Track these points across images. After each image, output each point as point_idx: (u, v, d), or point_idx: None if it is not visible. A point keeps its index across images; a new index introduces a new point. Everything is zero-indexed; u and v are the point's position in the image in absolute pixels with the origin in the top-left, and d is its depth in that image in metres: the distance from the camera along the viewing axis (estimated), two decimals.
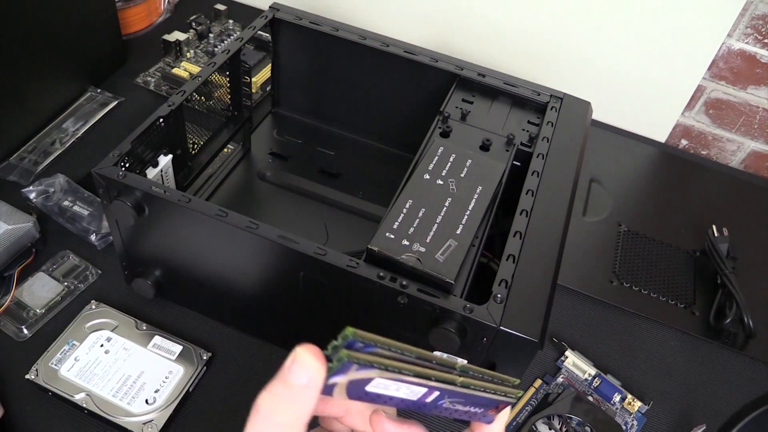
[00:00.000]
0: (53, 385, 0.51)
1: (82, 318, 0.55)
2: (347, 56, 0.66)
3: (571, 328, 0.63)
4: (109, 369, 0.52)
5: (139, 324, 0.55)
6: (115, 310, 0.56)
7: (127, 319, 0.55)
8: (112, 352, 0.53)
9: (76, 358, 0.52)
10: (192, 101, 0.57)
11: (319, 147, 0.73)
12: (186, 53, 0.84)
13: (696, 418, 0.58)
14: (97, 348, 0.53)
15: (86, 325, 0.54)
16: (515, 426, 0.54)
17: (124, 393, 0.51)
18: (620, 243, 0.71)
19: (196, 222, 0.47)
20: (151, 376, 0.52)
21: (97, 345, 0.53)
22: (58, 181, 0.64)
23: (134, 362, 0.53)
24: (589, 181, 0.78)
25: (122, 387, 0.51)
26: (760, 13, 0.75)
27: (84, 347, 0.53)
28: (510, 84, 0.62)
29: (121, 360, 0.53)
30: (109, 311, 0.56)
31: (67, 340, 0.53)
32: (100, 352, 0.53)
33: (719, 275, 0.67)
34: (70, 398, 0.50)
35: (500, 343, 0.43)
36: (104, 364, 0.52)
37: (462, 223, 0.48)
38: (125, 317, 0.55)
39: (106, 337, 0.54)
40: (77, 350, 0.53)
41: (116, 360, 0.53)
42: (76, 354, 0.52)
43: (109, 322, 0.55)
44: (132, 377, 0.52)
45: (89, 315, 0.55)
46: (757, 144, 0.85)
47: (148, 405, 0.50)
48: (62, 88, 0.74)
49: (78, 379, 0.51)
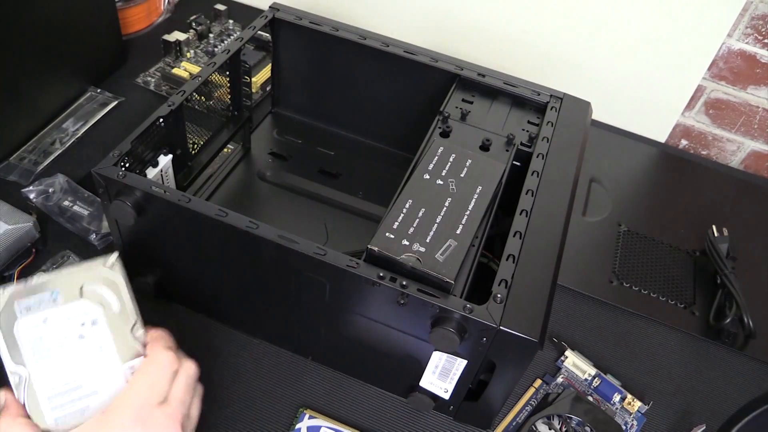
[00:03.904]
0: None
1: (84, 269, 0.42)
2: (347, 56, 0.66)
3: (571, 328, 0.63)
4: (67, 360, 0.40)
5: (136, 328, 0.42)
6: (127, 289, 0.43)
7: (130, 309, 0.42)
8: (87, 342, 0.40)
9: (44, 320, 0.39)
10: (192, 101, 0.57)
11: (319, 147, 0.73)
12: (186, 53, 0.84)
13: (696, 418, 0.58)
14: (73, 323, 0.40)
15: (85, 284, 0.41)
16: (515, 426, 0.54)
17: (59, 403, 0.39)
18: (620, 243, 0.71)
19: (196, 222, 0.47)
20: (100, 400, 0.40)
21: (77, 321, 0.40)
22: (58, 181, 0.64)
23: (96, 373, 0.40)
24: (589, 181, 0.78)
25: (64, 394, 0.39)
26: (760, 13, 0.75)
27: (63, 312, 0.40)
28: (510, 84, 0.62)
29: (87, 359, 0.40)
30: (121, 285, 0.42)
31: (53, 288, 0.40)
32: (74, 333, 0.40)
33: (719, 275, 0.67)
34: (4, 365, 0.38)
35: (500, 343, 0.43)
36: (67, 350, 0.40)
37: (462, 223, 0.48)
38: (131, 307, 0.43)
39: (92, 318, 0.40)
40: (53, 309, 0.40)
41: (83, 355, 0.40)
42: (47, 314, 0.39)
43: (109, 301, 0.41)
44: (82, 389, 0.40)
45: (98, 273, 0.42)
46: (757, 144, 0.85)
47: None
48: (62, 88, 0.74)
49: (29, 348, 0.39)
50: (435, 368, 0.49)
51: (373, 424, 0.53)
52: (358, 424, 0.53)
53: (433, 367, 0.49)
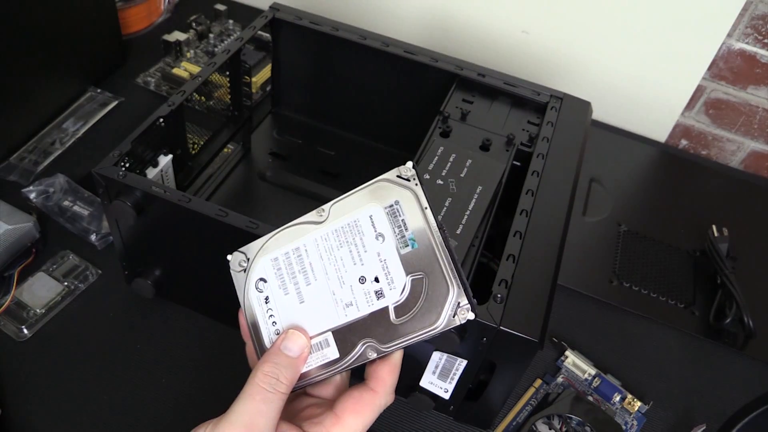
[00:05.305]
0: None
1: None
2: (347, 56, 0.66)
3: (571, 328, 0.63)
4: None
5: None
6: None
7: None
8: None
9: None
10: (192, 101, 0.58)
11: (319, 147, 0.73)
12: (186, 53, 0.84)
13: (696, 418, 0.58)
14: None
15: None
16: (515, 426, 0.54)
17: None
18: (620, 243, 0.71)
19: (196, 222, 0.47)
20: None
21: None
22: (58, 181, 0.64)
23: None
24: (589, 181, 0.78)
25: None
26: (760, 13, 0.75)
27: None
28: (510, 84, 0.62)
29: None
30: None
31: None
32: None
33: (719, 275, 0.67)
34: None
35: (500, 343, 0.43)
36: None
37: (462, 223, 0.48)
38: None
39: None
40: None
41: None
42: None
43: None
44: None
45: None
46: (757, 144, 0.85)
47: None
48: (62, 88, 0.74)
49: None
50: (435, 368, 0.49)
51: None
52: None
53: (433, 366, 0.49)
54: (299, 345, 0.34)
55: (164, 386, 0.54)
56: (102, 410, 0.52)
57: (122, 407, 0.52)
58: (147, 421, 0.51)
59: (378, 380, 0.35)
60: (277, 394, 0.33)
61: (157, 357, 0.55)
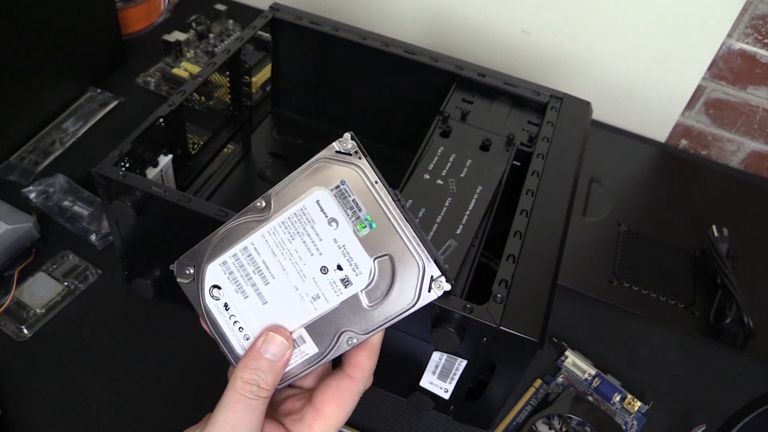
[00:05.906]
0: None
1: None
2: (347, 56, 0.66)
3: (571, 328, 0.63)
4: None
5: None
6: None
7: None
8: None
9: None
10: (192, 101, 0.58)
11: (319, 147, 0.72)
12: (186, 53, 0.84)
13: (696, 418, 0.58)
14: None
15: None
16: (515, 426, 0.54)
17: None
18: (620, 243, 0.71)
19: (196, 222, 0.47)
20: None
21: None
22: (58, 181, 0.64)
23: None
24: (589, 181, 0.78)
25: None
26: (760, 13, 0.75)
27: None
28: (510, 84, 0.62)
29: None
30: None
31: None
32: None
33: (719, 275, 0.67)
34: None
35: (500, 343, 0.43)
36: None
37: (462, 223, 0.48)
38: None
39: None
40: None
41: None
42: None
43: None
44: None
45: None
46: (757, 144, 0.85)
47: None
48: (62, 88, 0.74)
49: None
50: (435, 368, 0.49)
51: (373, 424, 0.53)
52: (358, 424, 0.53)
53: (433, 366, 0.49)
54: (281, 348, 0.33)
55: (164, 386, 0.54)
56: (102, 410, 0.52)
57: (122, 407, 0.52)
58: (147, 421, 0.51)
59: (356, 366, 0.34)
60: (259, 400, 0.32)
61: (157, 357, 0.55)
